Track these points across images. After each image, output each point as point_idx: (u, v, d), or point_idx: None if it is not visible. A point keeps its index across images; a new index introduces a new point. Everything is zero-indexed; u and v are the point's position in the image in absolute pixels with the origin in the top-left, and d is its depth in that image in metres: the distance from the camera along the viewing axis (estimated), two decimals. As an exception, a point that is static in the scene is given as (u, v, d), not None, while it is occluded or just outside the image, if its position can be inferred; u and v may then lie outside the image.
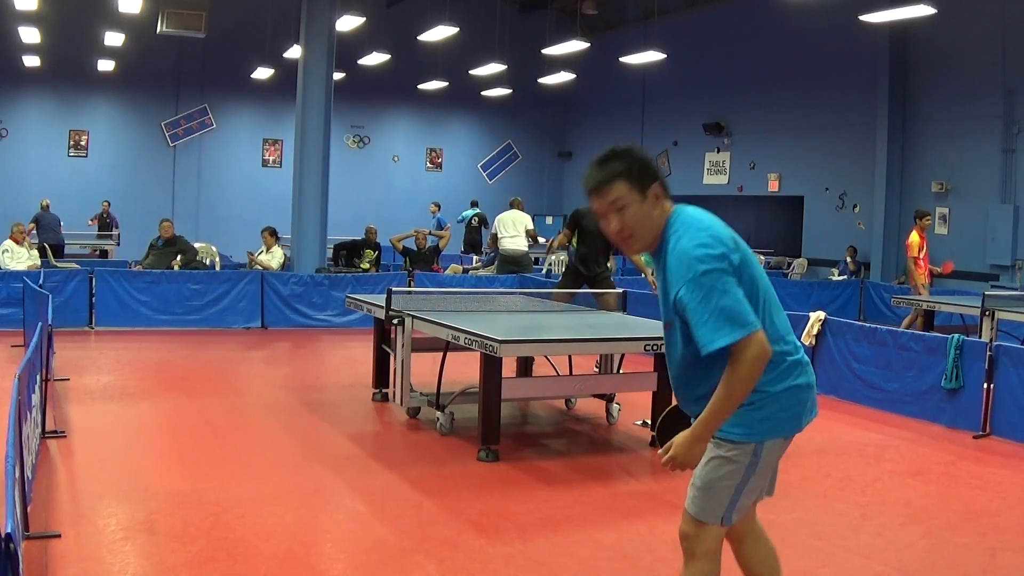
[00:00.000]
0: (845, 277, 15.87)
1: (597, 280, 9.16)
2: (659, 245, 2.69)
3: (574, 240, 9.21)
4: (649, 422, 6.46)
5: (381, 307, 6.83)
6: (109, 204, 19.39)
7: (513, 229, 13.12)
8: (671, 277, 2.60)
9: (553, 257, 15.19)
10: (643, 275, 13.04)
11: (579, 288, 9.04)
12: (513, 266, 13.15)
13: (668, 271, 2.62)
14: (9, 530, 2.63)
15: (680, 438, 2.64)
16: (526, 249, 13.33)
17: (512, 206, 13.48)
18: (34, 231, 15.83)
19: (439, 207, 20.59)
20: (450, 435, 6.39)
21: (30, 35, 17.12)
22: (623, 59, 17.53)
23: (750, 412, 2.64)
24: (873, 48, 15.89)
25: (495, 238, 15.51)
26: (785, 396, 2.68)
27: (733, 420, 2.62)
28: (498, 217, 13.45)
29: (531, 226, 13.32)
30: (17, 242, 12.44)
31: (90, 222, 19.06)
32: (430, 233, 15.26)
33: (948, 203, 15.22)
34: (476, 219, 19.92)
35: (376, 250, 13.73)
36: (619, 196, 2.64)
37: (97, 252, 18.08)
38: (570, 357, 7.92)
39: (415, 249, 14.19)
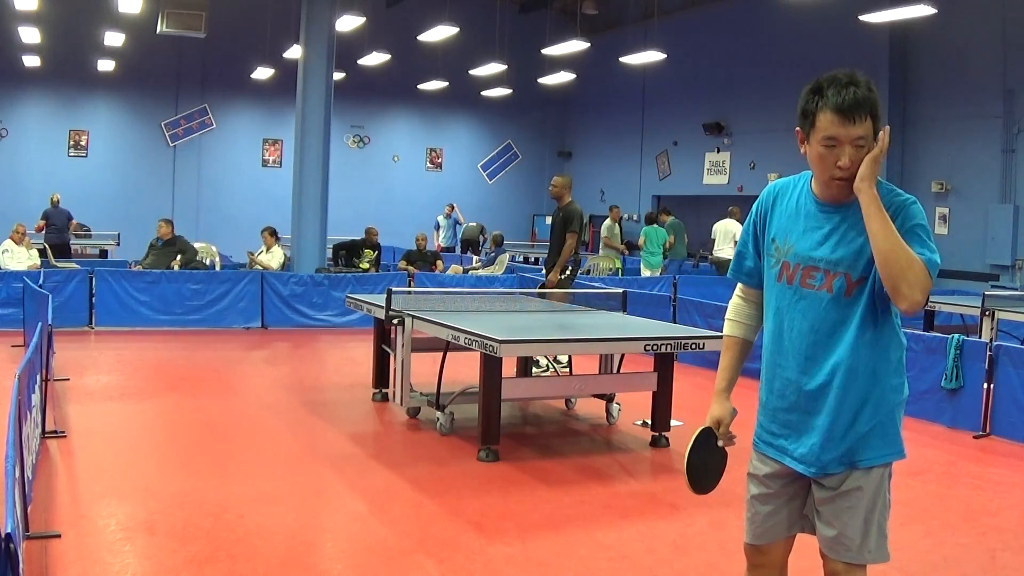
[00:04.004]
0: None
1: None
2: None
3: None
4: (649, 422, 6.46)
5: (381, 307, 6.83)
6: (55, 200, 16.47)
7: (724, 240, 14.63)
8: (910, 213, 2.34)
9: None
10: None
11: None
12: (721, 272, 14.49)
13: (901, 211, 2.35)
14: (9, 530, 2.63)
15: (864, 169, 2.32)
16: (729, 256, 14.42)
17: (730, 215, 14.94)
18: (43, 229, 15.71)
19: (453, 207, 20.80)
20: (450, 435, 6.39)
21: (30, 35, 17.11)
22: (623, 59, 17.53)
23: (896, 426, 2.50)
24: (873, 48, 15.87)
25: (500, 239, 15.69)
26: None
27: (882, 441, 2.47)
28: (714, 226, 15.11)
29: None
30: (17, 242, 12.44)
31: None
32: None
33: (948, 203, 15.21)
34: (476, 224, 20.21)
35: (376, 250, 13.73)
36: (867, 134, 2.32)
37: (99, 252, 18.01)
38: (570, 357, 7.93)
39: (416, 249, 14.18)
